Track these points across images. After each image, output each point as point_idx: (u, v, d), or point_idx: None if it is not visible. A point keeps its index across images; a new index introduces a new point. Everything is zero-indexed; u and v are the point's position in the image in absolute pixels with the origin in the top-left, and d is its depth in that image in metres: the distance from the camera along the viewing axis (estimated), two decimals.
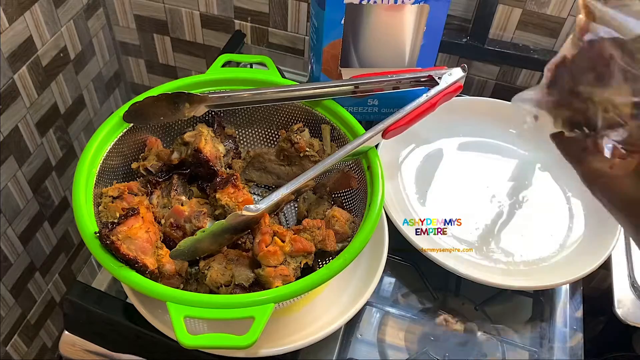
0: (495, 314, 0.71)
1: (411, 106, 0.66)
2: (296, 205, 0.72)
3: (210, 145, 0.67)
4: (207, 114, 0.69)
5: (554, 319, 0.70)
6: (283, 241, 0.58)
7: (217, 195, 0.62)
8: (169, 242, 0.61)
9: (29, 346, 1.16)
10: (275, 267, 0.56)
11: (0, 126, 0.92)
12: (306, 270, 0.58)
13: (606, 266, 0.71)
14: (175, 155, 0.68)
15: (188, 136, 0.68)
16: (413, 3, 0.72)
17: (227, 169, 0.71)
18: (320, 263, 0.64)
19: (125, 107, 0.65)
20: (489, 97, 0.90)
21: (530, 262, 0.71)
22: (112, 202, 0.60)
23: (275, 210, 0.68)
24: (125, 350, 0.65)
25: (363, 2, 0.71)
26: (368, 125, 0.66)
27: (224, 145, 0.71)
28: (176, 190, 0.68)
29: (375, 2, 0.71)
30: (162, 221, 0.63)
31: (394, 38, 0.78)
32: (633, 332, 0.74)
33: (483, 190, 0.80)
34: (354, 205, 0.68)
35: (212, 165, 0.66)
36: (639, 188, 0.42)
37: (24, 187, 1.02)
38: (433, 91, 0.68)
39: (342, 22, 0.72)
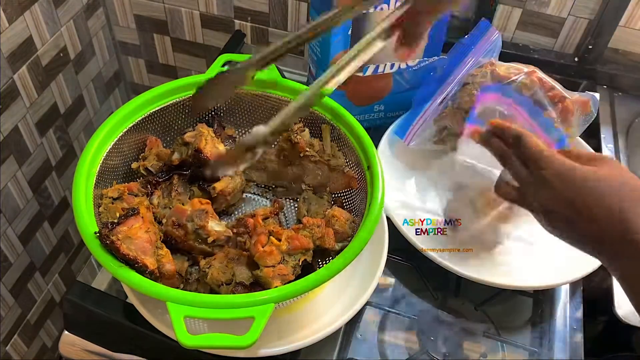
0: (495, 314, 0.71)
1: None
2: (296, 206, 0.72)
3: (211, 145, 0.67)
4: (208, 113, 0.69)
5: (554, 319, 0.70)
6: (279, 240, 0.58)
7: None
8: (169, 242, 0.61)
9: (29, 346, 1.16)
10: (274, 267, 0.56)
11: (0, 126, 0.92)
12: (306, 270, 0.58)
13: None
14: (175, 156, 0.68)
15: (188, 136, 0.68)
16: None
17: None
18: (320, 263, 0.64)
19: (126, 107, 0.65)
20: None
21: (530, 262, 0.71)
22: (112, 203, 0.60)
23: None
24: (125, 350, 0.65)
25: (370, 11, 0.71)
26: (375, 132, 0.64)
27: (224, 145, 0.71)
28: (177, 190, 0.68)
29: (382, 8, 0.71)
30: (163, 221, 0.63)
31: None
32: (633, 332, 0.73)
33: (483, 191, 0.79)
34: (354, 205, 0.68)
35: None
36: None
37: (24, 187, 1.02)
38: None
39: (350, 32, 0.72)
